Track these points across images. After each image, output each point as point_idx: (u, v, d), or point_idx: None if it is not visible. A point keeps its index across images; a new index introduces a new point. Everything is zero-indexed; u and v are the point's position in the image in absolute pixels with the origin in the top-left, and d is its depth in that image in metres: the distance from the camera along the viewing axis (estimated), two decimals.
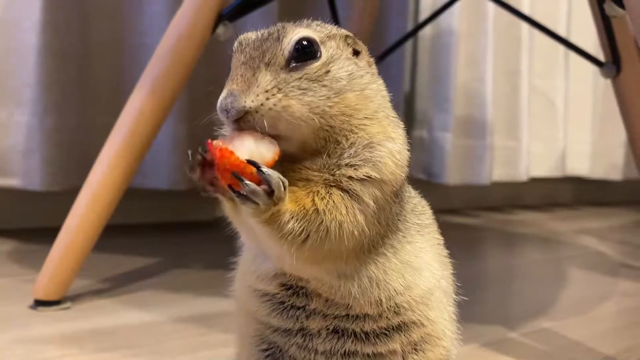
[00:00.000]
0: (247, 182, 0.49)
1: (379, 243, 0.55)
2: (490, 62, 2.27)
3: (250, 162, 0.49)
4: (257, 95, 0.51)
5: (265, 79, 0.51)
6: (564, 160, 2.66)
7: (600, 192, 2.94)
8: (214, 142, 0.50)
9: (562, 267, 1.55)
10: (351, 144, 0.53)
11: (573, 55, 2.58)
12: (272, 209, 0.50)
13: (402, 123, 0.58)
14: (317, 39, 0.54)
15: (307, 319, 0.57)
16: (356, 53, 0.58)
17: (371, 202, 0.52)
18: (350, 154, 0.53)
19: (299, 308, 0.57)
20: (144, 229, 1.73)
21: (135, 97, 1.06)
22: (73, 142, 1.53)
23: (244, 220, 0.54)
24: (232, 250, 0.64)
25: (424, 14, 2.19)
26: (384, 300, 0.55)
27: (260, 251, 0.58)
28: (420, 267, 0.58)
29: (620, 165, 2.82)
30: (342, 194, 0.52)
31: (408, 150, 0.56)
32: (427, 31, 2.22)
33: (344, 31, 0.58)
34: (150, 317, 0.98)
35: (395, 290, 0.56)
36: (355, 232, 0.52)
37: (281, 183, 0.50)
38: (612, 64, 1.34)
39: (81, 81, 1.55)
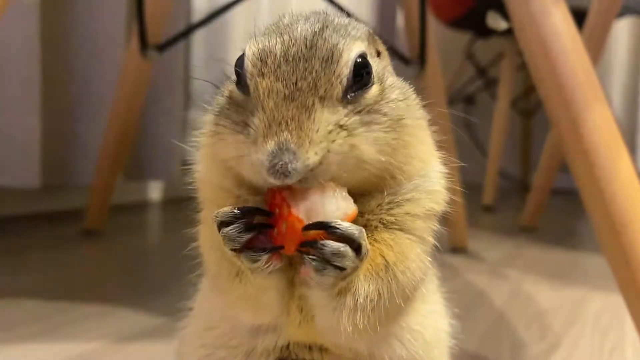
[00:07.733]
0: (325, 241, 0.38)
1: None
2: None
3: (319, 223, 0.38)
4: (320, 143, 0.38)
5: (324, 118, 0.39)
6: None
7: None
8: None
9: None
10: (408, 175, 0.44)
11: None
12: (352, 274, 0.39)
13: None
14: (367, 52, 0.42)
15: None
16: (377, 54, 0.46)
17: (431, 239, 0.45)
18: (409, 187, 0.44)
19: None
20: None
21: None
22: None
23: (259, 290, 0.42)
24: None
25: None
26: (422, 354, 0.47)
27: (257, 322, 0.45)
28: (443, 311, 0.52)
29: None
30: (408, 237, 0.43)
31: None
32: (203, 6, 2.10)
33: (365, 27, 0.46)
34: None
35: (424, 339, 0.47)
36: (422, 279, 0.44)
37: (364, 232, 0.39)
38: (417, 62, 1.43)
39: None
